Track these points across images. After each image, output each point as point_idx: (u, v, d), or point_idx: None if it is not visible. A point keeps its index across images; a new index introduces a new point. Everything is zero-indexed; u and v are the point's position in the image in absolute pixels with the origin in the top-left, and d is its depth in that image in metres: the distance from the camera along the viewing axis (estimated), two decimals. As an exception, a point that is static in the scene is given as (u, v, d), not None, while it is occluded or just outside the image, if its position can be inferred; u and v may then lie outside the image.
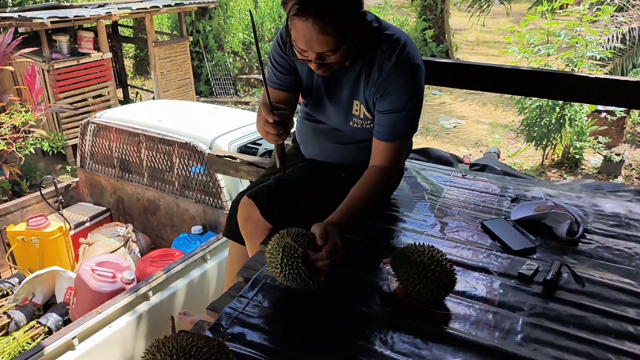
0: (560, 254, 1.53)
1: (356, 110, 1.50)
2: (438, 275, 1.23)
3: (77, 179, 3.95)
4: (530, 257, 1.51)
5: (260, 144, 3.33)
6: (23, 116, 4.43)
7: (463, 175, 2.10)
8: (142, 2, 7.13)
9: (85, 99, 6.27)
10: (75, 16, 5.92)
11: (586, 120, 5.91)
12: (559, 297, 1.34)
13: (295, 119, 1.69)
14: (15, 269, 3.32)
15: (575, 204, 1.84)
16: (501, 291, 1.36)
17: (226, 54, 9.37)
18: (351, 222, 1.34)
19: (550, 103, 5.69)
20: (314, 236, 1.24)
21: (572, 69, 5.59)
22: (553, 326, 1.24)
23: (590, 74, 2.61)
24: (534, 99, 5.73)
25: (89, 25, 6.73)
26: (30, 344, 2.48)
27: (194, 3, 7.77)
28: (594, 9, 6.15)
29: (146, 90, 8.76)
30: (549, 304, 1.31)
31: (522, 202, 1.83)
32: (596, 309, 1.30)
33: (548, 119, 5.69)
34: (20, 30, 5.54)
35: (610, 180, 5.64)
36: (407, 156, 1.85)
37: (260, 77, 9.83)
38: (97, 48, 6.44)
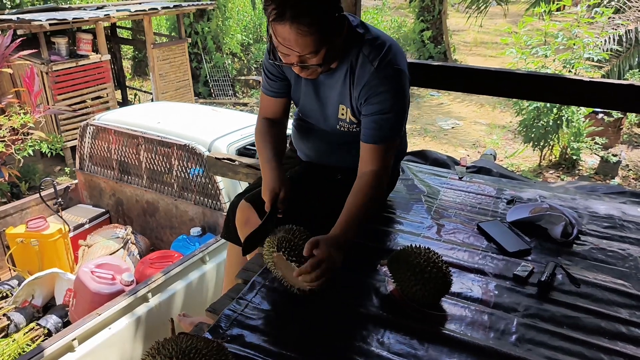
0: (555, 256, 1.55)
1: (342, 114, 1.52)
2: (434, 277, 1.25)
3: (76, 181, 3.96)
4: (525, 259, 1.53)
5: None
6: (22, 118, 4.43)
7: (459, 178, 2.12)
8: (140, 4, 7.14)
9: (84, 101, 6.27)
10: (73, 18, 5.93)
11: (583, 122, 5.93)
12: (553, 298, 1.36)
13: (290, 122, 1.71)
14: (14, 271, 3.33)
15: (570, 206, 1.86)
16: (496, 292, 1.38)
17: (224, 56, 9.39)
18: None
19: (547, 104, 5.71)
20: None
21: (570, 71, 5.62)
22: (547, 327, 1.25)
23: (584, 77, 2.63)
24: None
25: (88, 27, 6.74)
26: (29, 345, 2.48)
27: (192, 5, 7.79)
28: (592, 11, 6.18)
29: (145, 91, 8.76)
30: (543, 305, 1.33)
31: (517, 204, 1.85)
32: (590, 310, 1.32)
33: (545, 120, 5.72)
34: (19, 32, 5.54)
35: (608, 181, 5.67)
36: (402, 158, 1.85)
37: (259, 78, 9.85)
38: (95, 50, 6.45)
